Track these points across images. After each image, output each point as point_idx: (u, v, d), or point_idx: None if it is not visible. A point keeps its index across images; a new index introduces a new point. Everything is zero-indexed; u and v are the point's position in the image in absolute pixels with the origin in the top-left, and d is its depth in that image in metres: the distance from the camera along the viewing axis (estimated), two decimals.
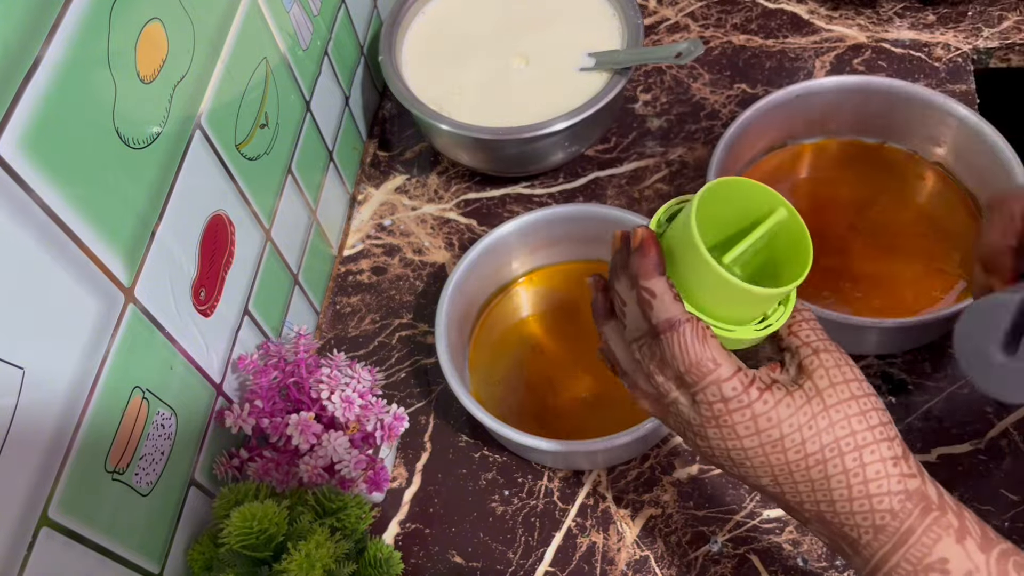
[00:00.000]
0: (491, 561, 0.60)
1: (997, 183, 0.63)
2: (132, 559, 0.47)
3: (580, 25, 0.77)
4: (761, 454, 0.39)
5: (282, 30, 0.63)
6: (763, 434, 0.39)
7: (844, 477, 0.39)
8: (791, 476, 0.39)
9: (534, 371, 0.65)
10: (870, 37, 0.80)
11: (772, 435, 0.39)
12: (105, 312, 0.43)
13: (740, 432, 0.39)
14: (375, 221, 0.77)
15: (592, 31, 0.76)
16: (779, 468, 0.39)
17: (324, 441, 0.55)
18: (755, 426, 0.39)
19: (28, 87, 0.37)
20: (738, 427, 0.39)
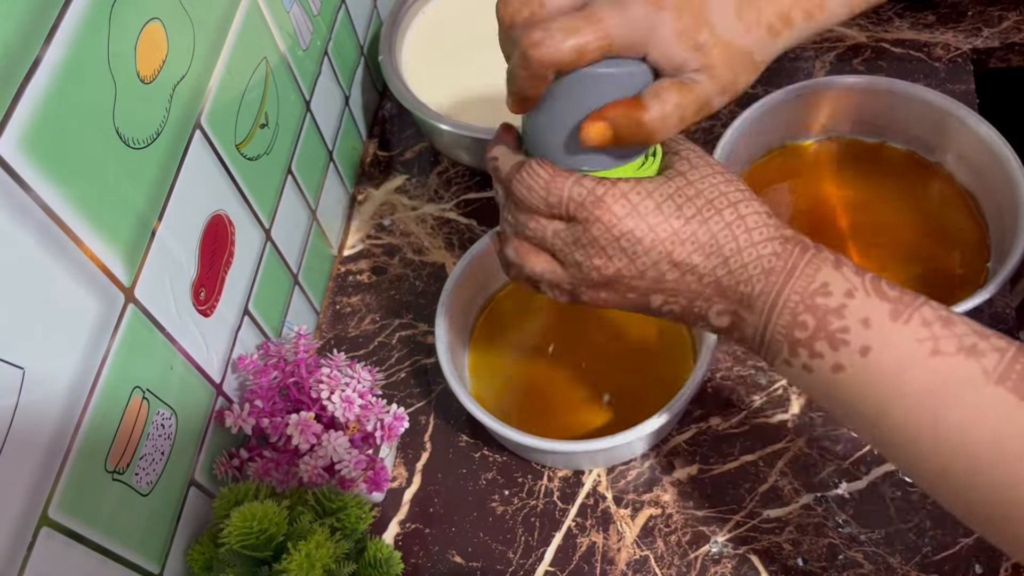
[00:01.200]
0: (491, 561, 0.60)
1: (996, 183, 0.63)
2: (132, 559, 0.47)
3: None
4: (647, 230, 0.40)
5: (282, 30, 0.63)
6: (639, 207, 0.40)
7: (728, 230, 0.40)
8: (684, 246, 0.40)
9: (534, 371, 0.65)
10: (870, 37, 0.80)
11: (648, 206, 0.40)
12: (105, 312, 0.44)
13: (619, 213, 0.40)
14: (375, 221, 0.77)
15: None
16: (670, 240, 0.40)
17: (324, 441, 0.55)
18: (629, 203, 0.40)
19: (28, 87, 0.37)
20: (616, 208, 0.40)
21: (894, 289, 0.39)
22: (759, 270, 0.40)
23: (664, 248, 0.40)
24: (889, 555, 0.56)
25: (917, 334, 0.37)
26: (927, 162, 0.70)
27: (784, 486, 0.60)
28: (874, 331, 0.37)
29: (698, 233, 0.40)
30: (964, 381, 0.36)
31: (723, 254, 0.40)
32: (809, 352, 0.39)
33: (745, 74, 0.41)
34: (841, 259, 0.40)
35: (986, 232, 0.66)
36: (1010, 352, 0.36)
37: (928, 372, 0.36)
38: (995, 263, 0.64)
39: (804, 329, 0.39)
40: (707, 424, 0.63)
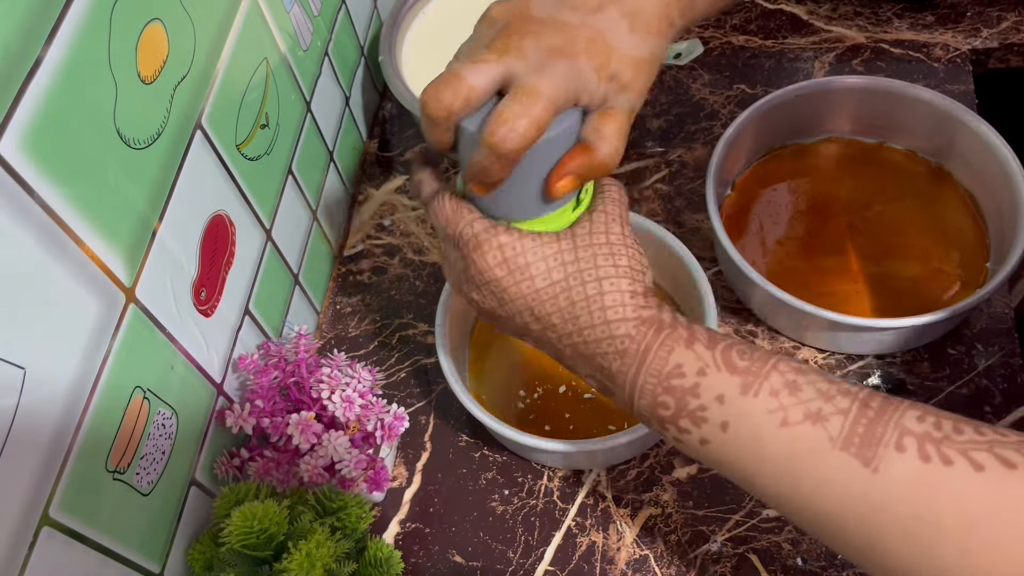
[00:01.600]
0: (491, 560, 0.60)
1: (995, 183, 0.63)
2: (133, 558, 0.47)
3: None
4: (512, 283, 0.43)
5: (282, 30, 0.63)
6: (510, 262, 0.43)
7: (585, 303, 0.43)
8: (543, 306, 0.43)
9: (534, 371, 0.65)
10: (869, 38, 0.80)
11: (519, 262, 0.43)
12: (106, 312, 0.44)
13: (491, 262, 0.44)
14: (375, 221, 0.77)
15: None
16: (531, 297, 0.43)
17: (324, 441, 0.55)
18: (501, 255, 0.43)
19: (29, 88, 0.37)
20: (488, 257, 0.43)
21: (745, 358, 0.40)
22: (612, 349, 0.42)
23: (526, 303, 0.44)
24: None
25: (767, 405, 0.38)
26: (926, 162, 0.70)
27: None
28: (728, 407, 0.39)
29: (558, 298, 0.43)
30: (811, 451, 0.37)
31: (578, 324, 0.43)
32: (676, 428, 0.41)
33: (651, 74, 0.44)
34: (695, 334, 0.41)
35: (985, 232, 0.66)
36: (852, 413, 0.37)
37: (779, 442, 0.38)
38: (994, 263, 0.64)
39: (666, 408, 0.41)
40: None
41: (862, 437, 0.36)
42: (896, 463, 0.35)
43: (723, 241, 0.62)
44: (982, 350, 0.63)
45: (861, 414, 0.37)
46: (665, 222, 0.72)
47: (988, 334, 0.64)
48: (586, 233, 0.44)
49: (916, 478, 0.34)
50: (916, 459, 0.35)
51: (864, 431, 0.36)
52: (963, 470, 0.34)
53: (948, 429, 0.35)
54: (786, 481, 0.38)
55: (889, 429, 0.36)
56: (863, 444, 0.36)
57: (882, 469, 0.35)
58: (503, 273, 0.44)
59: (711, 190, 0.64)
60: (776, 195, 0.71)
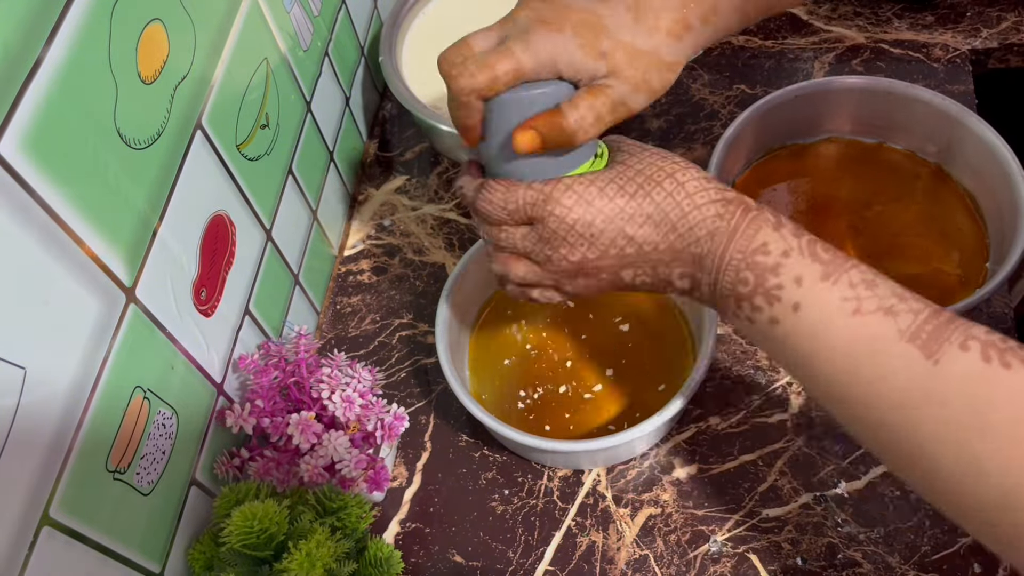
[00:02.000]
0: (491, 560, 0.60)
1: (995, 183, 0.63)
2: (133, 558, 0.47)
3: None
4: (596, 212, 0.45)
5: (283, 31, 0.63)
6: (584, 196, 0.45)
7: (671, 198, 0.44)
8: (633, 220, 0.45)
9: (534, 371, 0.65)
10: (869, 38, 0.80)
11: (592, 193, 0.45)
12: (106, 312, 0.44)
13: (568, 203, 0.45)
14: (375, 221, 0.77)
15: None
16: (619, 216, 0.45)
17: (324, 441, 0.55)
18: (575, 194, 0.45)
19: (29, 88, 0.37)
20: (564, 200, 0.45)
21: (828, 252, 0.42)
22: (704, 231, 0.44)
23: (616, 226, 0.45)
24: (888, 554, 0.56)
25: (843, 294, 0.40)
26: (926, 162, 0.70)
27: (783, 485, 0.60)
28: (805, 289, 0.41)
29: (643, 205, 0.44)
30: (878, 338, 0.38)
31: (670, 220, 0.44)
32: (751, 306, 0.42)
33: (657, 73, 0.45)
34: (782, 220, 0.43)
35: (985, 232, 0.66)
36: (923, 314, 0.38)
37: (849, 329, 0.39)
38: (994, 263, 0.64)
39: (746, 284, 0.42)
40: (706, 424, 0.63)
41: (929, 334, 0.37)
42: (958, 359, 0.36)
43: None
44: None
45: (933, 316, 0.38)
46: None
47: None
48: (630, 154, 0.46)
49: (975, 374, 0.36)
50: (978, 358, 0.36)
51: (933, 329, 0.37)
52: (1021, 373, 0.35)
53: (1013, 343, 0.36)
54: (847, 369, 0.39)
55: (957, 332, 0.37)
56: (930, 339, 0.37)
57: (943, 362, 0.36)
58: (583, 209, 0.45)
59: None
60: (776, 195, 0.71)
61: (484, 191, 0.47)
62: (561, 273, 0.47)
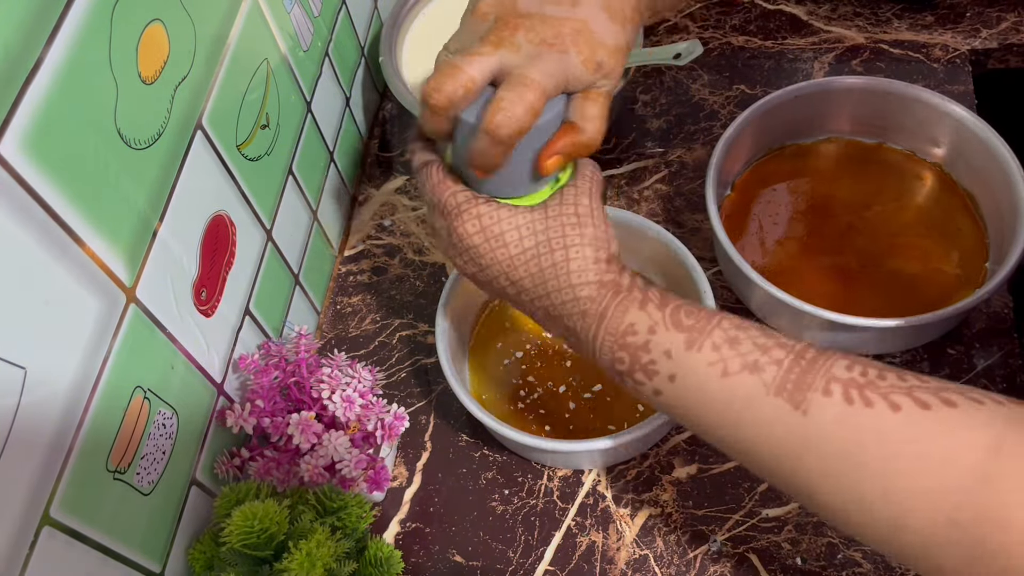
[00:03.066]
0: (491, 560, 0.60)
1: (995, 183, 0.63)
2: (133, 558, 0.47)
3: None
4: (488, 250, 0.47)
5: (283, 31, 0.63)
6: (487, 230, 0.47)
7: (553, 269, 0.46)
8: (516, 271, 0.47)
9: (534, 371, 0.65)
10: (868, 38, 0.80)
11: (494, 231, 0.47)
12: (106, 312, 0.44)
13: (470, 230, 0.47)
14: (375, 221, 0.78)
15: None
16: (506, 263, 0.47)
17: (325, 440, 0.55)
18: (480, 223, 0.47)
19: (30, 88, 0.37)
20: (468, 225, 0.47)
21: (691, 317, 0.43)
22: (576, 310, 0.46)
23: (500, 268, 0.48)
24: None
25: (708, 358, 0.42)
26: (926, 163, 0.70)
27: None
28: (675, 361, 0.43)
29: (529, 264, 0.47)
30: (749, 397, 0.40)
31: (547, 288, 0.47)
32: (632, 380, 0.45)
33: (625, 61, 0.48)
34: (648, 296, 0.45)
35: (984, 232, 0.66)
36: (786, 363, 0.40)
37: (722, 391, 0.41)
38: (993, 263, 0.64)
39: (622, 363, 0.45)
40: None
41: (794, 383, 0.39)
42: (823, 406, 0.38)
43: (723, 241, 0.62)
44: (982, 350, 0.63)
45: (794, 363, 0.40)
46: (665, 222, 0.72)
47: (988, 334, 0.64)
48: (556, 204, 0.47)
49: (840, 418, 0.38)
50: (841, 402, 0.38)
51: (796, 378, 0.39)
52: (882, 411, 0.37)
53: (872, 376, 0.38)
54: (729, 426, 0.41)
55: (819, 377, 0.39)
56: (795, 389, 0.39)
57: (811, 411, 0.38)
58: (480, 240, 0.47)
59: (711, 190, 0.64)
60: (776, 195, 0.71)
61: (424, 171, 0.49)
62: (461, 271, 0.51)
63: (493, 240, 0.47)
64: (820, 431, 0.38)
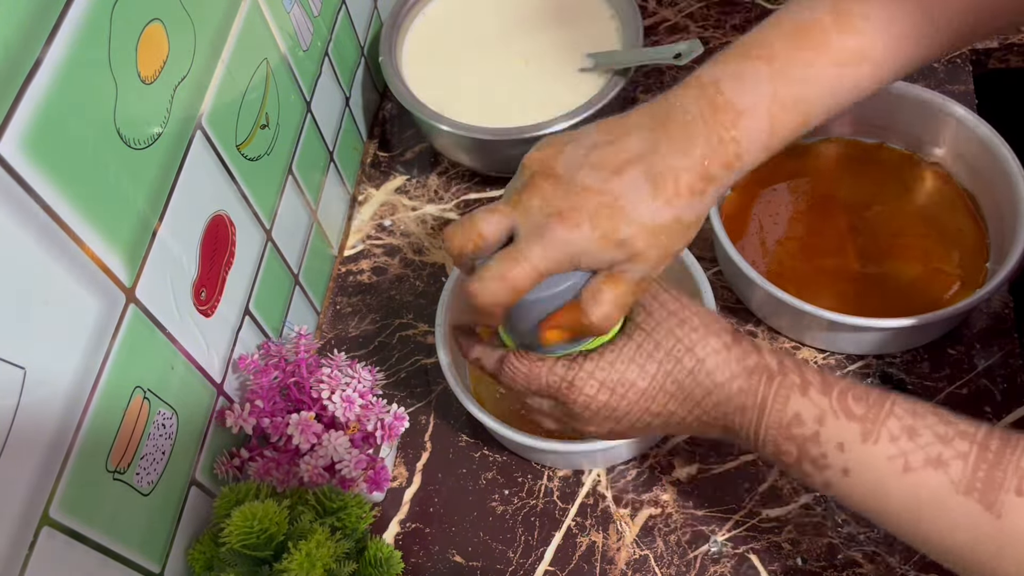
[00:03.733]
0: (491, 560, 0.60)
1: (995, 183, 0.63)
2: (133, 558, 0.47)
3: (580, 26, 0.77)
4: (618, 399, 0.45)
5: (283, 31, 0.63)
6: (606, 383, 0.45)
7: (691, 377, 0.44)
8: (655, 401, 0.45)
9: None
10: None
11: (613, 378, 0.45)
12: (106, 312, 0.44)
13: (591, 392, 0.45)
14: (375, 221, 0.77)
15: (591, 32, 0.77)
16: (641, 401, 0.45)
17: (324, 441, 0.55)
18: (596, 381, 0.45)
19: (29, 88, 0.37)
20: (587, 389, 0.45)
21: (861, 403, 0.41)
22: (732, 408, 0.44)
23: (640, 407, 0.45)
24: (888, 554, 0.56)
25: (887, 451, 0.39)
26: (926, 162, 0.70)
27: (783, 485, 0.60)
28: (848, 454, 0.40)
29: (666, 385, 0.44)
30: (934, 496, 0.38)
31: (694, 398, 0.44)
32: (800, 472, 0.43)
33: (680, 237, 0.44)
34: (807, 379, 0.42)
35: (985, 232, 0.66)
36: (972, 457, 0.38)
37: (902, 488, 0.39)
38: (994, 263, 0.64)
39: (789, 456, 0.42)
40: None
41: (984, 482, 0.37)
42: (1018, 507, 0.36)
43: (723, 241, 0.62)
44: (982, 350, 0.63)
45: (981, 458, 0.38)
46: None
47: (988, 334, 0.64)
48: (647, 319, 0.45)
49: None
50: None
51: (985, 475, 0.37)
52: None
53: None
54: (910, 522, 0.39)
55: (1009, 473, 0.37)
56: (985, 489, 0.37)
57: (1005, 515, 0.36)
58: (607, 396, 0.45)
59: None
60: (776, 195, 0.71)
61: (507, 368, 0.47)
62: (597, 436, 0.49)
63: (619, 387, 0.45)
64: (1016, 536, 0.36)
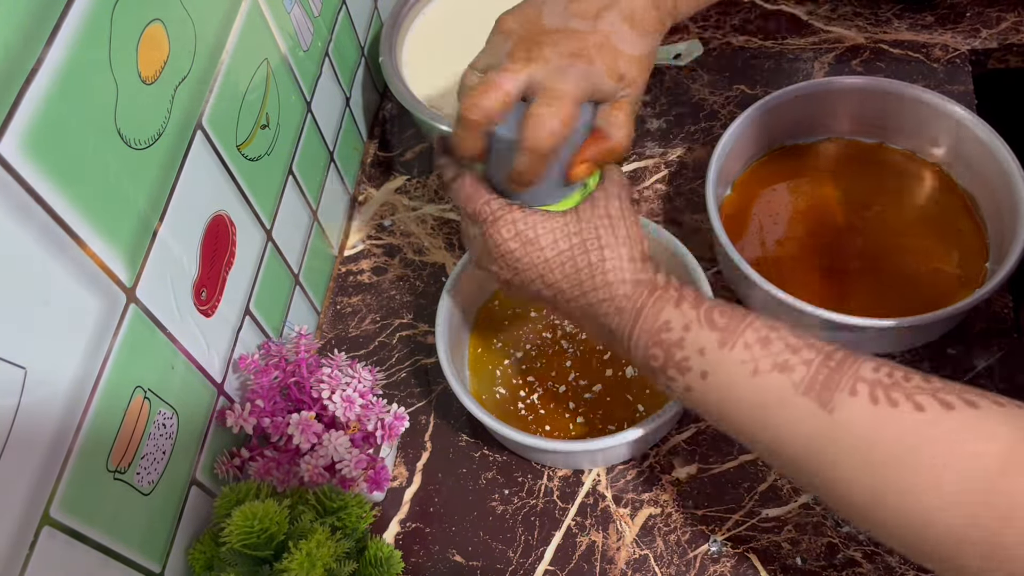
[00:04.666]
0: (491, 560, 0.60)
1: (995, 183, 0.63)
2: (133, 558, 0.47)
3: None
4: (524, 254, 0.48)
5: (283, 31, 0.63)
6: (522, 235, 0.48)
7: (589, 270, 0.48)
8: (552, 273, 0.48)
9: (534, 371, 0.65)
10: (868, 38, 0.80)
11: (529, 235, 0.48)
12: (107, 312, 0.44)
13: (505, 235, 0.48)
14: (375, 221, 0.78)
15: None
16: (542, 266, 0.48)
17: (325, 440, 0.55)
18: (515, 228, 0.48)
19: (30, 88, 0.37)
20: (503, 231, 0.48)
21: (724, 316, 0.45)
22: (612, 308, 0.47)
23: (537, 271, 0.49)
24: (888, 554, 0.57)
25: (741, 356, 0.43)
26: (925, 163, 0.70)
27: (783, 485, 0.60)
28: (707, 358, 0.44)
29: (565, 266, 0.48)
30: (778, 396, 0.41)
31: (583, 288, 0.48)
32: (665, 377, 0.46)
33: (650, 68, 0.50)
34: (683, 295, 0.46)
35: (984, 232, 0.66)
36: (815, 363, 0.41)
37: (752, 389, 0.42)
38: (993, 263, 0.64)
39: (656, 359, 0.46)
40: (706, 424, 0.63)
41: (822, 384, 0.40)
42: (849, 405, 0.39)
43: (723, 241, 0.62)
44: (982, 350, 0.63)
45: (823, 364, 0.41)
46: (665, 222, 0.72)
47: (988, 334, 0.64)
48: (589, 208, 0.49)
49: (865, 417, 0.39)
50: (867, 401, 0.39)
51: (824, 379, 0.40)
52: (907, 411, 0.38)
53: (898, 377, 0.39)
54: (757, 424, 0.43)
55: (846, 377, 0.40)
56: (823, 389, 0.40)
57: (837, 411, 0.39)
58: (516, 245, 0.48)
59: (711, 190, 0.64)
60: (776, 195, 0.71)
61: (456, 184, 0.51)
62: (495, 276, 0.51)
63: (528, 244, 0.48)
64: (845, 429, 0.39)
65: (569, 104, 0.46)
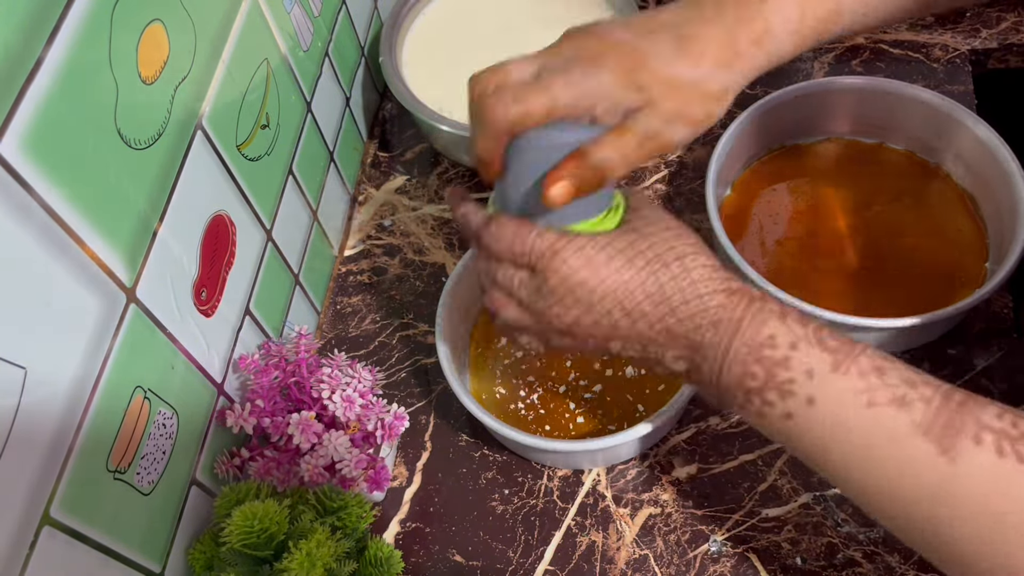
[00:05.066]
0: (491, 560, 0.60)
1: (995, 183, 0.63)
2: (133, 558, 0.47)
3: None
4: (599, 281, 0.43)
5: (283, 31, 0.63)
6: (593, 260, 0.43)
7: (674, 282, 0.43)
8: (633, 295, 0.43)
9: (534, 371, 0.65)
10: (868, 38, 0.80)
11: (600, 259, 0.43)
12: (107, 312, 0.44)
13: (574, 264, 0.43)
14: (375, 221, 0.78)
15: None
16: (620, 289, 0.43)
17: (325, 440, 0.55)
18: (584, 255, 0.43)
19: (30, 88, 0.37)
20: (571, 260, 0.43)
21: (835, 339, 0.41)
22: (707, 320, 0.43)
23: (615, 297, 0.44)
24: (887, 554, 0.57)
25: (855, 385, 0.39)
26: (926, 163, 0.70)
27: (783, 485, 0.60)
28: (816, 383, 0.40)
29: (647, 284, 0.43)
30: (892, 433, 0.38)
31: (671, 303, 0.43)
32: (761, 400, 0.42)
33: (700, 104, 0.44)
34: (786, 310, 0.42)
35: (984, 232, 0.66)
36: (935, 402, 0.38)
37: (864, 422, 0.39)
38: (993, 263, 0.64)
39: (755, 379, 0.41)
40: (706, 424, 0.63)
41: (942, 426, 0.37)
42: (973, 455, 0.36)
43: (723, 241, 0.62)
44: (982, 350, 0.63)
45: (944, 404, 0.38)
46: None
47: (988, 334, 0.64)
48: (646, 223, 0.45)
49: (989, 470, 0.36)
50: (992, 453, 0.36)
51: (945, 420, 0.37)
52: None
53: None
54: (863, 460, 0.39)
55: (969, 421, 0.37)
56: (943, 433, 0.37)
57: (959, 461, 0.36)
58: (589, 273, 0.43)
59: (711, 190, 0.64)
60: (776, 195, 0.71)
61: (494, 226, 0.45)
62: (550, 329, 0.46)
63: (602, 269, 0.43)
64: (967, 482, 0.36)
65: (542, 99, 0.42)
